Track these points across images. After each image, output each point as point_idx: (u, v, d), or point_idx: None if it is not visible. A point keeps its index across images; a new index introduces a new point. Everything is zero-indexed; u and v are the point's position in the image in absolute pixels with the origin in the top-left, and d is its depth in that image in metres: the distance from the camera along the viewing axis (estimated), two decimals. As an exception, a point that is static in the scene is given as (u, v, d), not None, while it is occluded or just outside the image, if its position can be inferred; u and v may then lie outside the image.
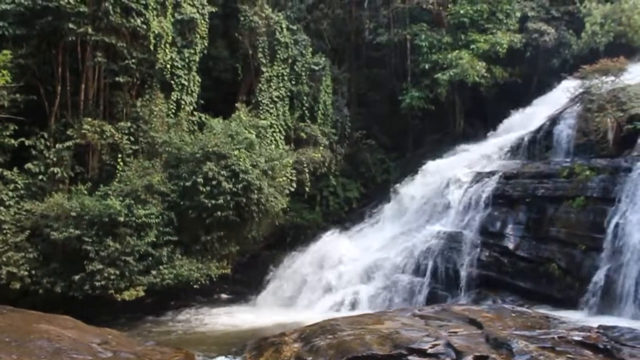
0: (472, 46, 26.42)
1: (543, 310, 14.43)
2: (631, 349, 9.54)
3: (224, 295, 23.37)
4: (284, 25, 25.22)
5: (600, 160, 18.39)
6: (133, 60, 20.12)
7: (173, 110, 21.70)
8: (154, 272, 18.89)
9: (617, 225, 16.29)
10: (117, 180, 19.43)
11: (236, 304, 22.13)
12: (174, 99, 21.72)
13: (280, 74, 25.02)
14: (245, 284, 23.49)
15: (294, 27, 26.12)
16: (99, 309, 18.34)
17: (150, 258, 18.90)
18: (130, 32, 19.97)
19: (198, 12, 22.19)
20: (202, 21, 22.37)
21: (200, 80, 22.65)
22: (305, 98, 25.94)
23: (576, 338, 10.11)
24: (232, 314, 20.40)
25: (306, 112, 26.03)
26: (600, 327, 10.93)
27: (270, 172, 20.92)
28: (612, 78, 20.17)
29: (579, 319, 13.65)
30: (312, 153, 25.22)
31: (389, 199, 24.57)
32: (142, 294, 18.87)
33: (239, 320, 19.44)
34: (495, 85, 27.44)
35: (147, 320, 19.64)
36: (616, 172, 17.38)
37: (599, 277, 16.08)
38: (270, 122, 24.10)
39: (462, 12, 26.86)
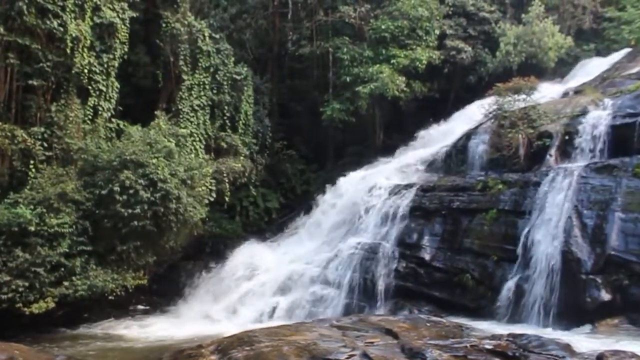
0: (392, 61, 26.93)
1: (457, 320, 14.76)
2: (537, 356, 9.95)
3: (140, 307, 22.80)
4: (206, 34, 24.97)
5: (512, 174, 19.17)
6: (48, 64, 19.42)
7: (90, 117, 21.04)
8: (66, 284, 18.24)
9: (527, 237, 16.99)
10: (28, 187, 18.65)
11: (153, 315, 21.65)
12: (91, 105, 21.06)
13: (201, 83, 24.75)
14: (162, 295, 23.03)
15: (217, 36, 25.93)
16: (6, 322, 17.51)
17: (63, 269, 18.24)
18: (46, 34, 19.28)
19: (118, 16, 21.63)
20: (123, 26, 21.81)
21: (119, 86, 22.02)
22: (226, 107, 25.73)
23: (487, 346, 10.43)
24: (149, 326, 19.95)
25: (227, 121, 25.82)
26: (509, 335, 11.31)
27: (189, 182, 20.64)
28: (524, 96, 21.08)
29: (491, 328, 14.09)
30: (233, 163, 25.04)
31: (309, 210, 24.70)
32: (52, 305, 18.11)
33: (156, 332, 19.04)
34: (415, 99, 28.20)
35: (59, 333, 18.91)
36: (526, 186, 18.19)
37: (510, 286, 16.70)
38: (191, 131, 23.80)
39: (383, 27, 27.37)
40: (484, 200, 18.87)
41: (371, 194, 22.16)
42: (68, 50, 19.62)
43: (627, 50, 27.00)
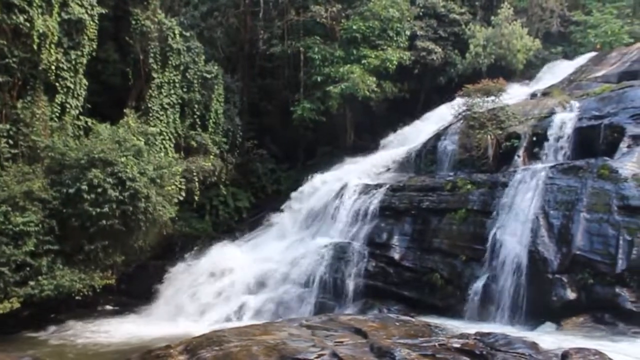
0: (363, 61, 27.02)
1: (427, 319, 14.83)
2: (504, 354, 10.05)
3: (108, 307, 22.59)
4: (176, 31, 24.77)
5: (481, 174, 19.39)
6: (14, 59, 19.09)
7: (57, 114, 20.74)
8: (32, 283, 17.93)
9: (495, 236, 17.18)
10: (-7, 185, 18.36)
11: (121, 315, 21.42)
12: (59, 102, 20.76)
13: (171, 81, 24.55)
14: (131, 295, 22.81)
15: (187, 34, 25.72)
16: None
17: (28, 268, 17.95)
18: (12, 29, 18.94)
19: (87, 12, 21.32)
20: (91, 22, 21.51)
21: (87, 83, 21.71)
22: (196, 106, 25.56)
23: (455, 345, 10.50)
24: (117, 326, 19.72)
25: (197, 120, 25.65)
26: (477, 333, 11.41)
27: (158, 180, 20.47)
28: (493, 97, 21.30)
29: (459, 327, 14.20)
30: (203, 162, 24.91)
31: (280, 210, 24.66)
32: (17, 305, 17.79)
33: (124, 332, 18.84)
34: (385, 99, 28.31)
35: (25, 334, 18.63)
36: (495, 186, 18.40)
37: (478, 286, 16.90)
38: (160, 130, 23.60)
39: (354, 27, 27.45)
40: (453, 200, 19.04)
41: (341, 193, 22.22)
42: (35, 46, 19.31)
43: (593, 53, 27.57)
